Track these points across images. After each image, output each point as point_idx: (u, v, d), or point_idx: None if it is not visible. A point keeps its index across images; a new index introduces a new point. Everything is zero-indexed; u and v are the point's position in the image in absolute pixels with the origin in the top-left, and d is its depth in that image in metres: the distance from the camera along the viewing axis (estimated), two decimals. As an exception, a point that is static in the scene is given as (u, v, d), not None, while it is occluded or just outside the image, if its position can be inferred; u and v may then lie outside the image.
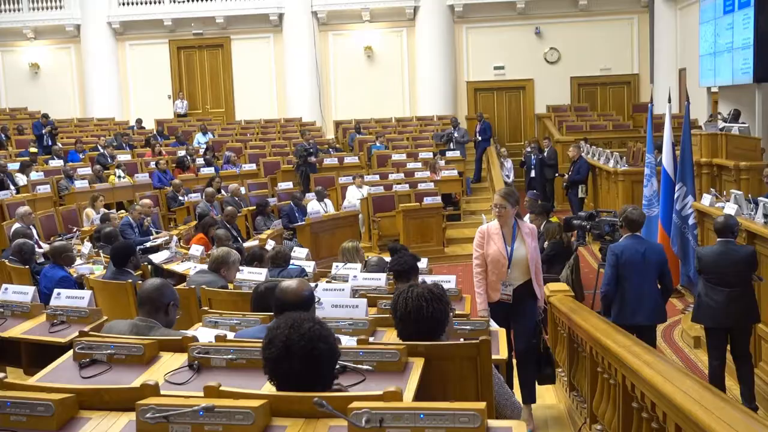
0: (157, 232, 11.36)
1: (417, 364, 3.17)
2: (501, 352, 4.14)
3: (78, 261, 8.32)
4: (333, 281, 6.48)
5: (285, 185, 15.20)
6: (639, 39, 20.47)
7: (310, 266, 7.97)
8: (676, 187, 9.35)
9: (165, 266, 8.83)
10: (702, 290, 6.46)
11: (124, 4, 21.15)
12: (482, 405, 2.19)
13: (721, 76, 15.33)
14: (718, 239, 6.47)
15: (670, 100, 9.93)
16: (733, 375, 6.60)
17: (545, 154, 16.30)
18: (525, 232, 5.88)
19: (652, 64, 19.88)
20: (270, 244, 9.85)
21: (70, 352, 3.49)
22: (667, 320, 7.15)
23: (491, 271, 5.82)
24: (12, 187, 13.35)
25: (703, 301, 6.44)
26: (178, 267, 8.67)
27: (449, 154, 17.08)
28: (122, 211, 12.59)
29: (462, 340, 3.74)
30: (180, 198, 14.02)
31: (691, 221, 9.05)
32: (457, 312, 4.57)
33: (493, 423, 2.24)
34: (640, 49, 20.48)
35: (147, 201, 12.35)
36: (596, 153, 14.66)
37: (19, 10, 21.35)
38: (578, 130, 18.25)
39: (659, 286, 6.45)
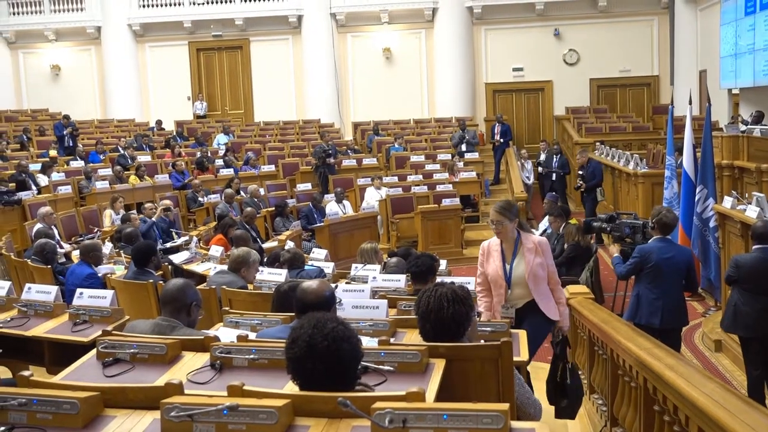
0: (177, 234, 11.41)
1: (438, 366, 3.17)
2: (522, 354, 4.13)
3: (99, 261, 8.38)
4: (352, 282, 6.48)
5: (304, 186, 15.25)
6: (659, 40, 20.36)
7: (329, 267, 7.98)
8: (697, 190, 9.30)
9: (185, 267, 8.87)
10: (738, 299, 6.33)
11: (144, 6, 21.32)
12: (505, 406, 2.19)
13: (742, 78, 15.22)
14: (755, 246, 6.34)
15: (691, 102, 9.88)
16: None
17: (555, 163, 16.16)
18: (528, 247, 5.36)
19: (672, 65, 19.76)
20: (289, 245, 9.87)
21: (94, 351, 3.51)
22: (688, 323, 7.09)
23: (493, 291, 5.46)
24: (33, 187, 13.46)
25: (739, 310, 6.31)
26: (198, 267, 8.70)
27: (468, 155, 17.05)
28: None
29: (482, 341, 3.73)
30: (199, 199, 14.09)
31: (711, 224, 8.99)
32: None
33: (516, 424, 2.24)
34: (660, 50, 20.37)
35: (167, 202, 12.42)
36: (615, 155, 14.59)
37: (40, 12, 21.57)
38: (597, 132, 18.18)
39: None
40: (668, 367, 3.75)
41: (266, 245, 10.64)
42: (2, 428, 2.43)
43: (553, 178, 15.72)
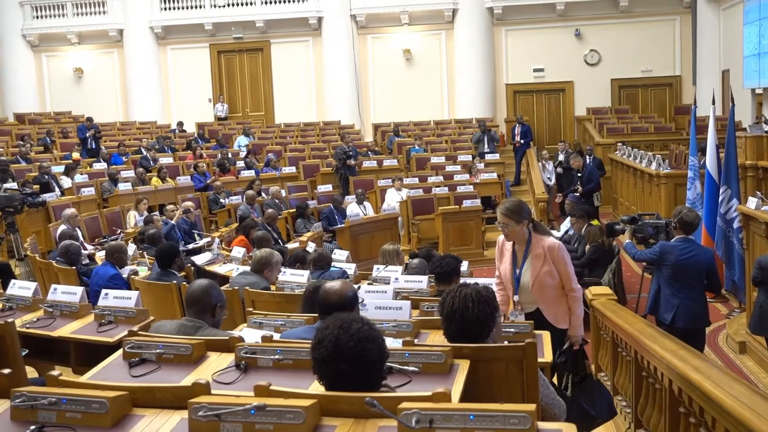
0: (199, 235, 11.47)
1: (462, 366, 3.18)
2: (546, 355, 4.12)
3: (122, 262, 8.45)
4: (374, 283, 6.49)
5: (324, 188, 15.28)
6: (681, 40, 20.22)
7: (351, 268, 8.00)
8: (721, 190, 9.23)
9: (207, 268, 8.91)
10: (764, 300, 6.30)
11: (166, 9, 21.46)
12: (532, 407, 2.19)
13: (766, 78, 15.09)
14: None
15: (714, 102, 9.80)
16: None
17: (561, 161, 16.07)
18: (536, 253, 5.02)
19: (695, 65, 19.62)
20: (310, 247, 9.90)
21: (120, 351, 3.55)
22: (710, 325, 7.04)
23: (507, 291, 5.20)
24: (57, 189, 13.58)
25: (765, 312, 6.28)
26: (220, 269, 8.75)
27: (488, 156, 17.02)
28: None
29: (506, 342, 3.73)
30: (221, 200, 14.17)
31: (735, 225, 8.91)
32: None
33: (543, 425, 2.24)
34: (682, 50, 20.23)
35: (189, 203, 12.50)
36: (637, 155, 14.51)
37: (63, 15, 21.77)
38: (619, 133, 18.09)
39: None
40: (694, 368, 3.74)
41: (288, 246, 10.67)
42: (32, 427, 2.46)
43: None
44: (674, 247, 6.38)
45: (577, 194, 13.53)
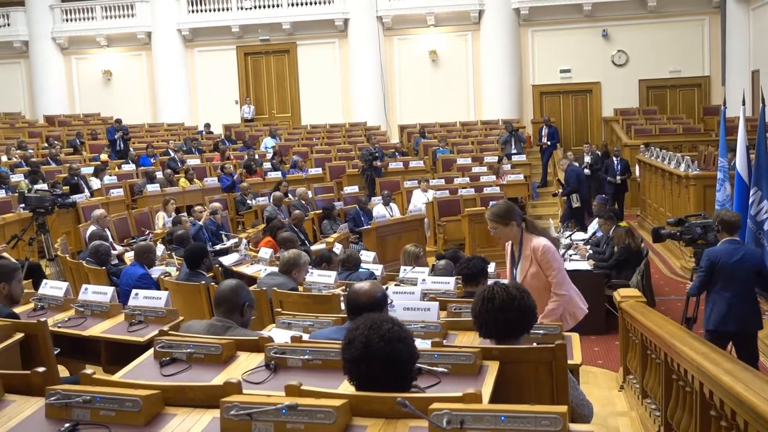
0: (226, 236, 11.54)
1: (492, 368, 3.17)
2: (575, 357, 4.10)
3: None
4: (401, 284, 6.49)
5: (351, 189, 15.30)
6: (710, 40, 20.04)
7: (378, 269, 8.00)
8: (751, 192, 9.11)
9: (235, 268, 8.96)
10: None
11: (193, 11, 21.64)
12: (563, 408, 2.18)
13: (797, 78, 14.90)
14: None
15: (744, 103, 9.70)
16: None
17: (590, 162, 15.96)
18: (525, 253, 5.04)
19: (724, 65, 19.41)
20: (337, 248, 9.92)
21: (151, 351, 3.58)
22: (762, 327, 6.91)
23: None
24: (86, 190, 13.74)
25: None
26: (247, 269, 8.79)
27: (515, 158, 16.96)
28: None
29: (535, 344, 3.72)
30: (248, 202, 14.25)
31: (766, 227, 8.80)
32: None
33: (574, 427, 2.23)
34: (711, 50, 20.04)
35: (216, 204, 12.58)
36: (666, 157, 14.38)
37: (92, 18, 22.03)
38: (647, 134, 17.94)
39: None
40: (726, 371, 3.69)
41: (314, 247, 10.70)
42: (67, 425, 2.48)
43: (618, 180, 15.46)
44: (721, 250, 6.29)
45: (605, 197, 13.49)
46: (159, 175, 14.86)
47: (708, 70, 20.22)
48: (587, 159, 16.27)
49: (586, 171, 15.84)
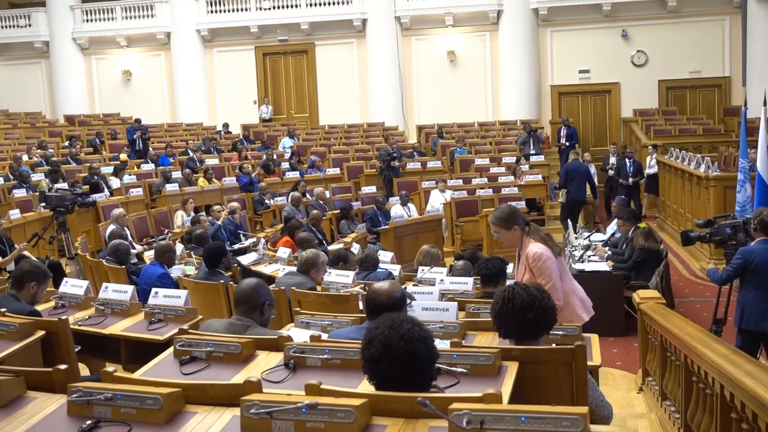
0: (244, 236, 11.58)
1: (511, 368, 3.17)
2: (594, 358, 4.08)
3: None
4: (419, 285, 6.49)
5: (368, 189, 15.30)
6: (731, 40, 19.84)
7: (396, 270, 8.00)
8: (772, 193, 9.05)
9: (253, 268, 8.99)
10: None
11: (212, 12, 21.71)
12: (584, 409, 2.17)
13: (819, 78, 14.75)
14: None
15: (765, 103, 9.62)
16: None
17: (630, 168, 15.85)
18: (522, 258, 5.08)
19: (745, 66, 19.24)
20: (355, 248, 9.93)
21: (170, 349, 3.60)
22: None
23: None
24: (106, 190, 13.83)
25: None
26: (265, 269, 8.81)
27: (533, 158, 16.91)
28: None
29: (554, 345, 3.71)
30: (266, 201, 14.29)
31: (787, 228, 8.72)
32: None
33: (595, 428, 2.22)
34: (732, 50, 19.85)
35: (234, 204, 12.62)
36: (685, 158, 14.29)
37: (112, 19, 22.18)
38: (666, 134, 17.83)
39: None
40: (747, 373, 3.66)
41: (332, 247, 10.72)
42: (88, 422, 2.50)
43: (630, 182, 15.36)
44: (756, 249, 6.24)
45: (624, 198, 13.40)
46: (175, 175, 14.91)
47: (728, 70, 20.05)
48: (612, 160, 16.12)
49: (611, 172, 15.73)
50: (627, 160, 15.55)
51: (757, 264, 6.15)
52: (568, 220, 12.32)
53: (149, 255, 9.25)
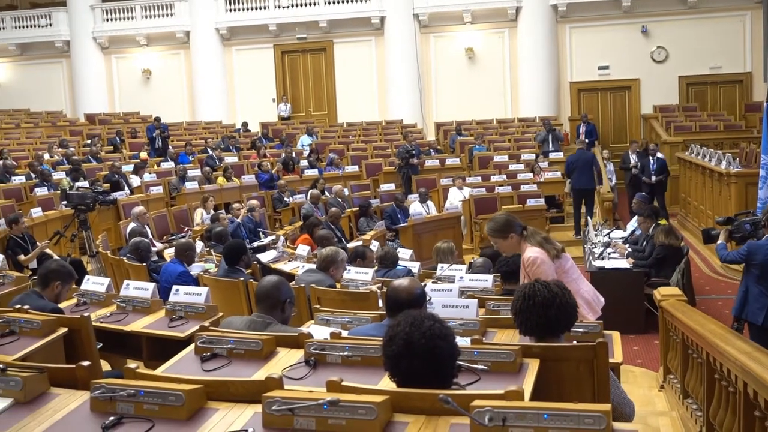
0: (264, 233, 11.62)
1: (532, 366, 3.16)
2: (615, 355, 4.06)
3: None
4: (439, 282, 6.49)
5: (387, 187, 15.30)
6: (752, 36, 19.65)
7: (415, 267, 8.00)
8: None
9: (272, 265, 9.01)
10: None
11: (231, 10, 21.79)
12: (607, 407, 2.16)
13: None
14: None
15: (787, 99, 9.53)
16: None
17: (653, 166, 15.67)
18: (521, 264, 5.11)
19: (766, 61, 19.05)
20: (374, 245, 9.93)
21: (192, 346, 3.62)
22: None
23: None
24: (126, 188, 13.91)
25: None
26: (285, 266, 8.84)
27: (552, 155, 16.83)
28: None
29: (575, 342, 3.69)
30: (285, 199, 14.32)
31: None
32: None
33: (618, 426, 2.21)
34: (753, 46, 19.66)
35: (254, 202, 12.66)
36: (706, 154, 14.18)
37: (132, 18, 22.32)
38: (687, 131, 17.68)
39: None
40: (771, 371, 3.64)
41: (350, 245, 10.72)
42: (111, 418, 2.52)
43: (653, 180, 15.06)
44: (762, 245, 6.23)
45: (645, 194, 13.27)
46: (192, 173, 14.96)
47: (750, 66, 19.86)
48: (633, 158, 15.89)
49: (634, 170, 15.52)
50: (651, 157, 15.35)
51: (763, 259, 6.17)
52: (581, 210, 12.22)
53: (169, 253, 9.30)
